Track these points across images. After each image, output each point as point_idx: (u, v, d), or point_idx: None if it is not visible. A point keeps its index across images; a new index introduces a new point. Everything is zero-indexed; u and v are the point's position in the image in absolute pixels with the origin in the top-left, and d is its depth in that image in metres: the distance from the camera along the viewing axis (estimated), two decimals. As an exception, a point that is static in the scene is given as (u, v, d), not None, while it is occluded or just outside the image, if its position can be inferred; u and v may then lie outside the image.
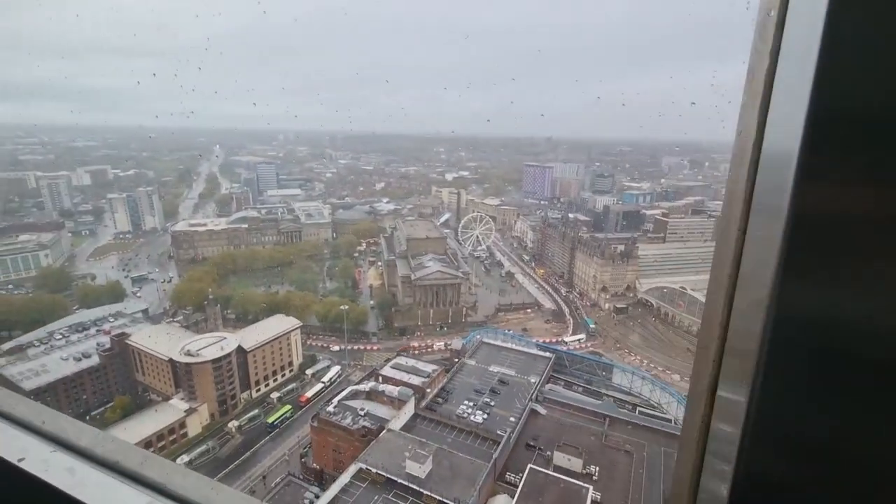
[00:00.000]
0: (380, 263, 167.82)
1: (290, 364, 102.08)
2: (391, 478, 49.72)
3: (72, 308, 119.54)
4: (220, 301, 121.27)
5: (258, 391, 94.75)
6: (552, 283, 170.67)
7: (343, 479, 50.35)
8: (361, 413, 67.53)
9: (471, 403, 68.64)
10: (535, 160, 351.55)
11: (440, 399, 69.56)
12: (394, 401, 70.25)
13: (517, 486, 49.88)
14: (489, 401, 69.67)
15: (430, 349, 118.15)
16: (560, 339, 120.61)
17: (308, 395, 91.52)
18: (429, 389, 74.21)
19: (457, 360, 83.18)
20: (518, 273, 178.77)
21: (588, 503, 47.24)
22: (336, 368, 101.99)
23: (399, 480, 49.31)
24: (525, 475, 50.59)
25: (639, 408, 76.07)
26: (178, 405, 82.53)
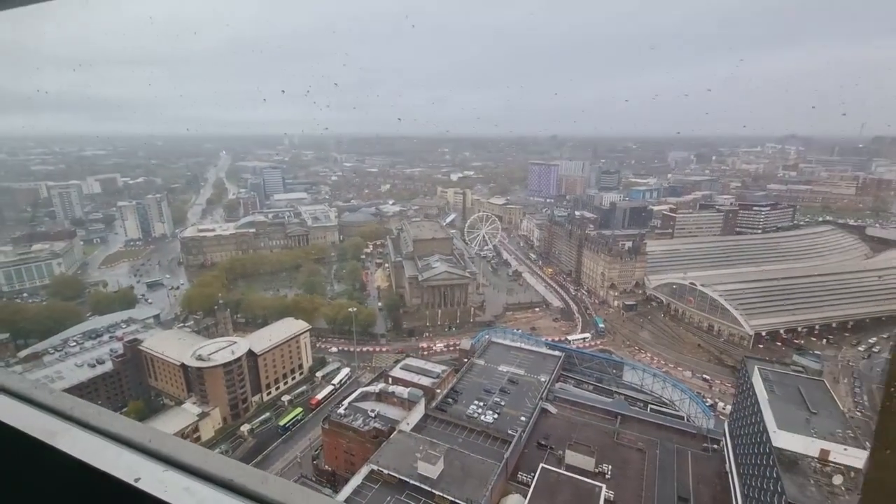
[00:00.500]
0: (387, 265, 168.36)
1: (300, 367, 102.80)
2: (403, 479, 49.87)
3: (85, 315, 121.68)
4: (230, 305, 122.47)
5: (269, 394, 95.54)
6: (560, 282, 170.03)
7: (355, 481, 50.55)
8: (372, 414, 67.77)
9: (481, 403, 68.55)
10: (540, 158, 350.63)
11: (450, 399, 69.47)
12: (404, 402, 70.41)
13: (529, 486, 49.79)
14: (499, 400, 69.57)
15: (440, 350, 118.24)
16: (564, 339, 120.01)
17: (319, 398, 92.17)
18: (438, 390, 74.25)
19: (466, 360, 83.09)
20: (525, 272, 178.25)
21: (601, 502, 47.04)
22: (346, 370, 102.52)
23: (411, 481, 49.41)
24: (537, 474, 50.46)
25: (650, 405, 75.47)
26: (191, 409, 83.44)
